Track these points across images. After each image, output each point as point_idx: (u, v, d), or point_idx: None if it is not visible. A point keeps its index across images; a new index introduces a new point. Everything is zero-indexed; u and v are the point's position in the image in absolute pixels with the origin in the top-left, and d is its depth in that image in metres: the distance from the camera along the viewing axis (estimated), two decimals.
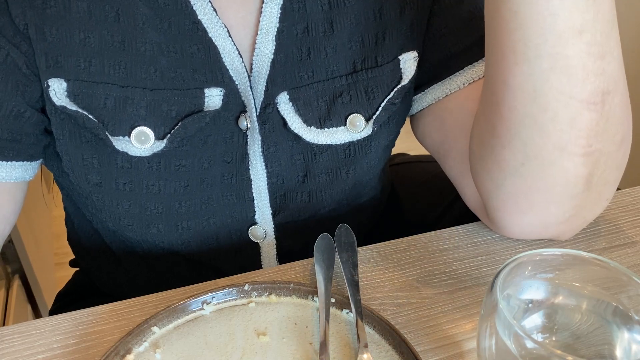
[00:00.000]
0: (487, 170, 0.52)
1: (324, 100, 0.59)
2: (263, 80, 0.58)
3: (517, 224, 0.53)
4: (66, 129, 0.57)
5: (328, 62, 0.59)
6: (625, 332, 0.40)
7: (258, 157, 0.60)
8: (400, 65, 0.60)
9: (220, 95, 0.57)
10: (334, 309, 0.51)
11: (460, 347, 0.49)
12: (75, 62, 0.54)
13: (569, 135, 0.46)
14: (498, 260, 0.57)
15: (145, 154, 0.57)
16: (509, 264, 0.40)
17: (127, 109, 0.55)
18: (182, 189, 0.60)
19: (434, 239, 0.60)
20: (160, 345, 0.48)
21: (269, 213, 0.63)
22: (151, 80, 0.56)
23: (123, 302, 0.54)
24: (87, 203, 0.63)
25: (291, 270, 0.57)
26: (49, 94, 0.54)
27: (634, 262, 0.56)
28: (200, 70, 0.56)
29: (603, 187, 0.50)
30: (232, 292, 0.51)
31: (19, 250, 1.37)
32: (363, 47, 0.59)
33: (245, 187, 0.61)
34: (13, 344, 0.50)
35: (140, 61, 0.55)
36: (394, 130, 0.65)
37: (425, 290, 0.54)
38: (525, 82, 0.46)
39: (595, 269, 0.40)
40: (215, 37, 0.56)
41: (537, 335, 0.42)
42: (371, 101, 0.60)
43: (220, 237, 0.63)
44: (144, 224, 0.61)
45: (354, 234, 0.57)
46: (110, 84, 0.55)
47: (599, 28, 0.44)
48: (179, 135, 0.57)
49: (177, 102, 0.56)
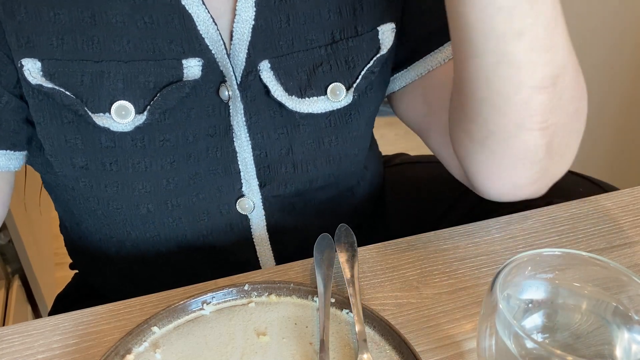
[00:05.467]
0: (461, 141, 0.57)
1: (304, 70, 0.60)
2: (244, 47, 0.59)
3: (493, 187, 0.57)
4: (46, 111, 0.57)
5: (307, 30, 0.60)
6: (625, 332, 0.40)
7: (242, 128, 0.61)
8: (379, 36, 0.62)
9: (199, 65, 0.57)
10: (334, 309, 0.51)
11: (460, 347, 0.49)
12: (47, 40, 0.54)
13: (525, 114, 0.50)
14: (498, 260, 0.57)
15: (127, 128, 0.57)
16: (509, 264, 0.40)
17: (105, 84, 0.55)
18: (169, 166, 0.60)
19: (434, 239, 0.61)
20: (160, 345, 0.48)
21: (255, 185, 0.64)
22: (125, 53, 0.56)
23: (123, 302, 0.54)
24: (73, 196, 0.63)
25: (291, 270, 0.57)
26: (24, 74, 0.54)
27: (634, 262, 0.56)
28: (176, 40, 0.57)
29: (564, 150, 0.54)
30: (232, 292, 0.52)
31: (19, 250, 1.37)
32: (341, 18, 0.61)
33: (230, 159, 0.62)
34: (13, 344, 0.50)
35: (112, 34, 0.55)
36: (374, 100, 0.66)
37: (425, 290, 0.54)
38: (477, 72, 0.50)
39: (595, 269, 0.41)
40: (188, 4, 0.56)
41: (537, 335, 0.42)
42: (351, 70, 0.62)
43: (210, 212, 0.64)
44: (133, 204, 0.61)
45: (354, 234, 0.57)
46: (85, 60, 0.55)
47: (540, 28, 0.47)
48: (159, 106, 0.57)
49: (154, 72, 0.56)
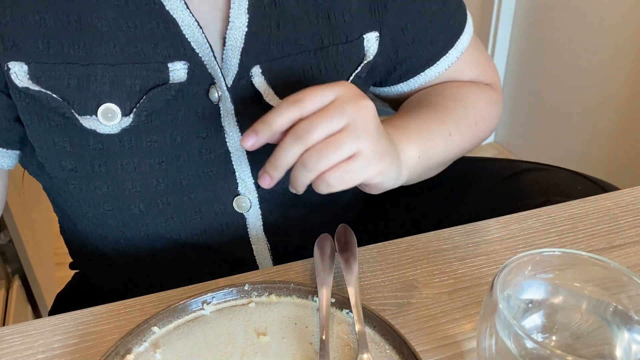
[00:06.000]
0: None
1: (295, 74, 0.62)
2: (237, 53, 0.59)
3: None
4: (33, 114, 0.57)
5: (296, 35, 0.61)
6: (625, 332, 0.40)
7: (233, 127, 0.61)
8: (364, 43, 0.65)
9: (185, 68, 0.58)
10: (334, 309, 0.51)
11: (460, 347, 0.49)
12: (33, 44, 0.54)
13: None
14: (498, 260, 0.57)
15: (114, 131, 0.57)
16: (509, 264, 0.40)
17: (91, 87, 0.56)
18: (158, 166, 0.60)
19: (434, 239, 0.61)
20: (160, 345, 0.48)
21: (252, 183, 0.64)
22: (112, 56, 0.56)
23: (123, 302, 0.54)
24: (66, 198, 0.63)
25: (291, 270, 0.57)
26: (10, 77, 0.55)
27: (634, 262, 0.56)
28: (162, 44, 0.57)
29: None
30: (232, 292, 0.52)
31: (19, 250, 1.37)
32: (329, 24, 0.62)
33: (224, 160, 0.62)
34: (13, 344, 0.50)
35: (98, 37, 0.55)
36: None
37: (425, 290, 0.54)
38: None
39: (595, 269, 0.40)
40: (172, 10, 0.57)
41: (537, 335, 0.42)
42: (339, 75, 0.63)
43: (203, 211, 0.64)
44: (124, 205, 0.61)
45: (354, 234, 0.57)
46: (72, 64, 0.55)
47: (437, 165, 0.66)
48: (145, 109, 0.57)
49: (140, 75, 0.57)
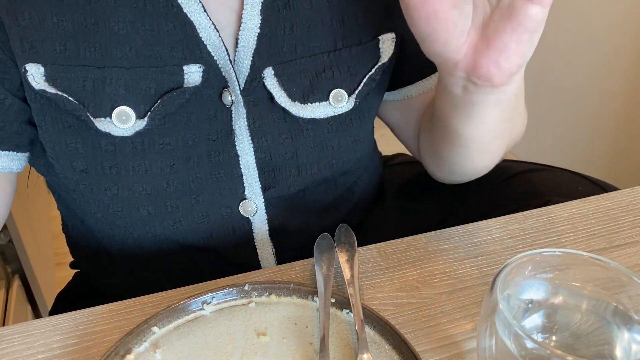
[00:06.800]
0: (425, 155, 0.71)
1: (307, 76, 0.62)
2: (249, 55, 0.59)
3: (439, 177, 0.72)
4: (47, 115, 0.57)
5: (310, 37, 0.61)
6: (625, 332, 0.40)
7: (244, 131, 0.61)
8: (379, 45, 0.64)
9: (200, 71, 0.58)
10: (334, 309, 0.51)
11: (460, 347, 0.49)
12: (50, 46, 0.54)
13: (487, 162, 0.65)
14: (498, 260, 0.57)
15: (128, 133, 0.57)
16: (509, 264, 0.40)
17: (106, 90, 0.56)
18: (169, 168, 0.60)
19: (434, 239, 0.61)
20: (160, 345, 0.48)
21: (258, 187, 0.64)
22: (127, 59, 0.56)
23: (123, 302, 0.54)
24: (74, 197, 0.63)
25: (291, 270, 0.57)
26: (27, 79, 0.55)
27: (634, 262, 0.56)
28: (178, 47, 0.57)
29: None
30: (232, 292, 0.52)
31: (19, 250, 1.37)
32: (344, 26, 0.62)
33: (233, 163, 0.62)
34: (13, 344, 0.50)
35: (115, 40, 0.56)
36: (374, 105, 0.69)
37: (425, 290, 0.54)
38: (457, 152, 0.63)
39: (595, 269, 0.40)
40: (190, 12, 0.57)
41: (537, 335, 0.42)
42: (353, 77, 0.63)
43: (210, 214, 0.64)
44: (133, 207, 0.61)
45: (354, 234, 0.57)
46: (87, 66, 0.55)
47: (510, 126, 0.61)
48: (160, 112, 0.57)
49: (155, 79, 0.57)
